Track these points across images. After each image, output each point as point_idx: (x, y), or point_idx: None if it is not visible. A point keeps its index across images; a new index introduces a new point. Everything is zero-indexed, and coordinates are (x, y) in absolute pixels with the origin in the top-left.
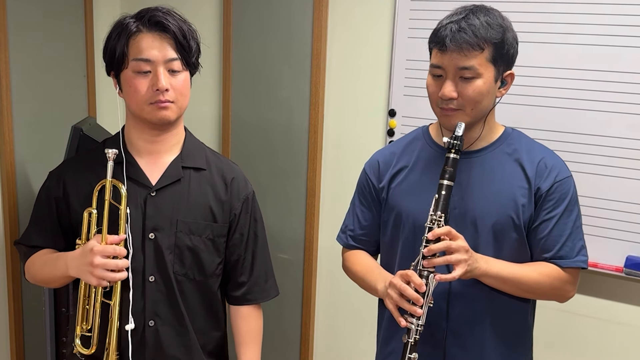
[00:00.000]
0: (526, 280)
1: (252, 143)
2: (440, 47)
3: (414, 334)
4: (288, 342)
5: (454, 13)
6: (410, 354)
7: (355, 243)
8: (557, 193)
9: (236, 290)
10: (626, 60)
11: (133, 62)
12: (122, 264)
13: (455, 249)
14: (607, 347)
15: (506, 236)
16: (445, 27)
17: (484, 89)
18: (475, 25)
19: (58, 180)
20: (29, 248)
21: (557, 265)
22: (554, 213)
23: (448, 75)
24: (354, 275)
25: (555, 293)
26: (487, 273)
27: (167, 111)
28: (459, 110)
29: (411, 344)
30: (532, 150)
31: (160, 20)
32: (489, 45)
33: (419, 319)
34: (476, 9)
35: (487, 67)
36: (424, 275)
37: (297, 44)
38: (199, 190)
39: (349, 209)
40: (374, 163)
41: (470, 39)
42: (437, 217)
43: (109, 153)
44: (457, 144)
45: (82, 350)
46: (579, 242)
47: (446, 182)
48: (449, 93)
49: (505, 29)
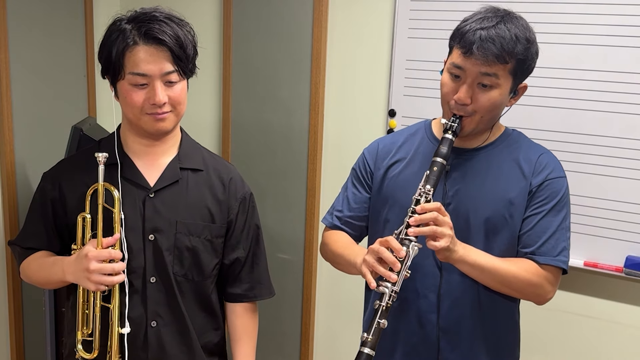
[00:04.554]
0: (504, 272)
1: (252, 144)
2: (465, 51)
3: (387, 299)
4: (288, 342)
5: (484, 17)
6: (380, 319)
7: (340, 224)
8: (547, 190)
9: (236, 288)
10: (625, 60)
11: (129, 76)
12: (118, 267)
13: (442, 223)
14: (607, 347)
15: (497, 234)
16: (475, 32)
17: (498, 100)
18: (505, 38)
19: (53, 182)
20: (24, 249)
21: (536, 261)
22: (541, 209)
23: (467, 80)
24: (332, 253)
25: (533, 291)
26: (464, 259)
27: (164, 122)
28: (468, 117)
29: (382, 309)
30: (530, 150)
31: (156, 36)
32: (513, 59)
33: (394, 285)
34: (507, 17)
35: (507, 79)
36: (405, 243)
37: (297, 45)
38: (197, 191)
39: (340, 193)
40: (373, 148)
41: (498, 51)
42: (425, 191)
43: (100, 157)
44: (454, 126)
45: (84, 355)
46: (562, 242)
47: (439, 159)
48: (465, 99)
49: (531, 43)
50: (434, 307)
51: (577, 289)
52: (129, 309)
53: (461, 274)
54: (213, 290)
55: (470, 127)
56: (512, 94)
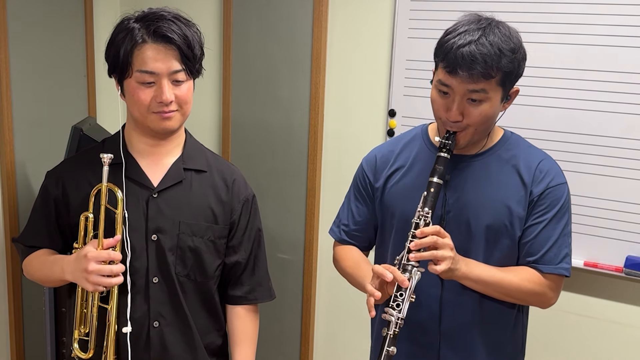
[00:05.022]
0: (507, 284)
1: (252, 143)
2: (450, 70)
3: (394, 327)
4: (288, 342)
5: (465, 30)
6: (388, 347)
7: (348, 238)
8: (548, 198)
9: (237, 290)
10: (625, 61)
11: (137, 73)
12: (117, 269)
13: (442, 245)
14: (607, 347)
15: (498, 242)
16: (457, 50)
17: (490, 112)
18: (489, 54)
19: (57, 180)
20: (27, 247)
21: (539, 270)
22: (543, 218)
23: (455, 97)
24: (344, 271)
25: (536, 299)
26: (467, 276)
27: (170, 121)
28: (462, 131)
29: (390, 337)
30: (530, 156)
31: (165, 34)
32: (499, 72)
33: (400, 312)
34: (488, 28)
35: (496, 91)
36: (407, 269)
37: (297, 44)
38: (201, 192)
39: (344, 203)
40: (371, 159)
41: (482, 69)
42: (424, 213)
43: (104, 157)
44: (448, 144)
45: (79, 354)
46: (564, 249)
47: (435, 179)
48: (456, 117)
49: (516, 52)
50: (435, 316)
51: (577, 289)
52: (131, 309)
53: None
54: (216, 291)
55: (465, 140)
56: (505, 100)
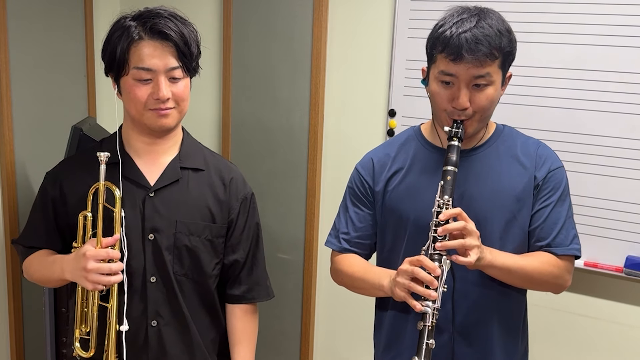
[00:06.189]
0: (530, 269)
1: (252, 143)
2: (454, 57)
3: (431, 318)
4: (288, 342)
5: (460, 19)
6: (428, 340)
7: (350, 247)
8: (551, 182)
9: (236, 289)
10: (625, 60)
11: (134, 70)
12: (115, 267)
13: (470, 232)
14: (607, 347)
15: (509, 232)
16: (459, 36)
17: (495, 96)
18: (490, 35)
19: (55, 181)
20: (26, 248)
21: (553, 253)
22: (549, 201)
23: (460, 85)
24: (350, 277)
25: (555, 282)
26: (493, 264)
27: (167, 119)
28: (469, 119)
29: (429, 329)
30: (526, 143)
31: (162, 30)
32: (501, 54)
33: (435, 302)
34: (482, 14)
35: (498, 73)
36: (435, 258)
37: (297, 44)
38: (198, 191)
39: (339, 213)
40: (367, 163)
41: (487, 49)
42: (444, 201)
43: (101, 156)
44: (458, 132)
45: (81, 353)
46: (572, 230)
47: (450, 167)
48: (464, 103)
49: (511, 33)
50: (449, 315)
51: (577, 289)
52: (129, 308)
53: (473, 279)
54: (215, 291)
55: (472, 128)
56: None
